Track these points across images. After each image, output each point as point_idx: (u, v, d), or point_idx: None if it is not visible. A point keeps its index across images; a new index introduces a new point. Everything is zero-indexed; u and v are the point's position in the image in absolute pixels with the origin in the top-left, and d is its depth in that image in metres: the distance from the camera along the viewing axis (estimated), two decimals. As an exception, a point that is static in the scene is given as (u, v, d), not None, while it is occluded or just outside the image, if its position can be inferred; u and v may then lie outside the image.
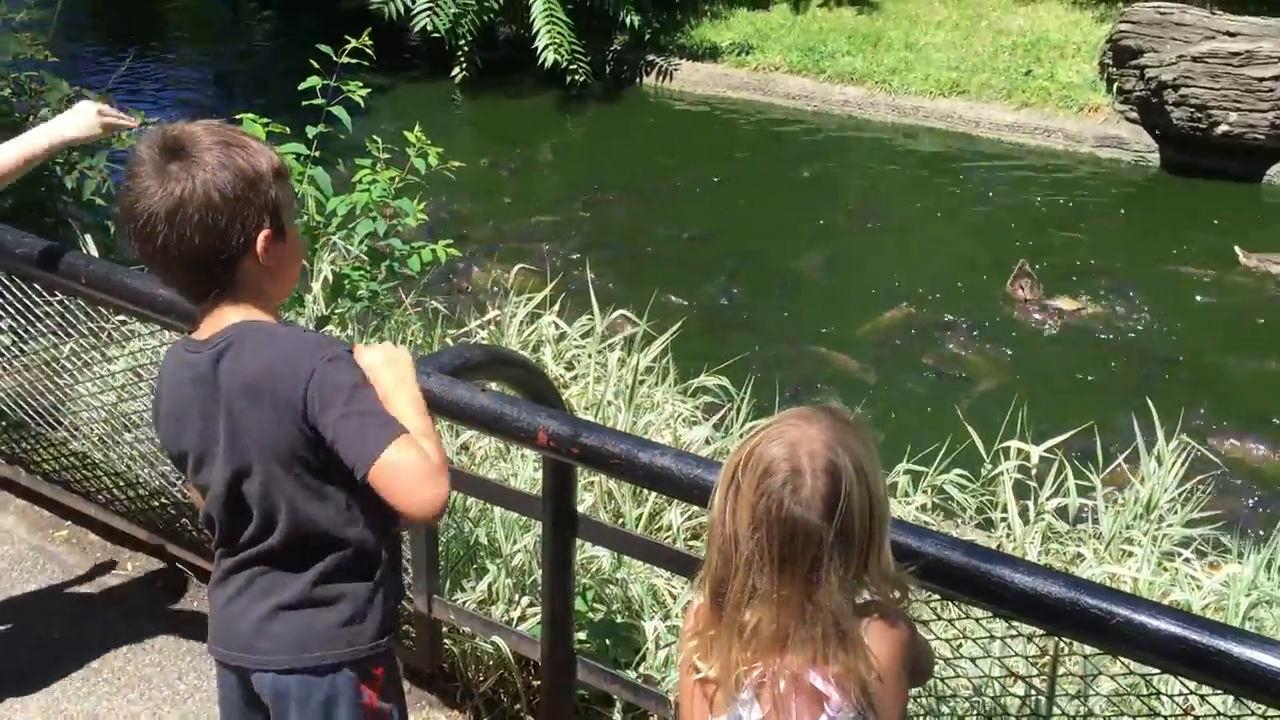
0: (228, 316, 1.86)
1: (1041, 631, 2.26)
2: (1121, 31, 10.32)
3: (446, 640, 3.31)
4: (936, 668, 2.30)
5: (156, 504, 3.74)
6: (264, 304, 1.88)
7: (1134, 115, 10.34)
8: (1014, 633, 2.45)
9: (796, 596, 1.56)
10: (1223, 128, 9.56)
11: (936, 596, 1.98)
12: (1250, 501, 5.63)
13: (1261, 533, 4.37)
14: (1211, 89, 9.50)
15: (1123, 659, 1.82)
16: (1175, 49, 9.81)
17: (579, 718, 3.15)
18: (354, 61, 4.25)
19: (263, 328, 1.86)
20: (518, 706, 3.30)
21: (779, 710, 1.59)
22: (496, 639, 3.15)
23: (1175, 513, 3.97)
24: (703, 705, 1.68)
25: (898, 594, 1.65)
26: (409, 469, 1.73)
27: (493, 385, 2.46)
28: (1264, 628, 3.40)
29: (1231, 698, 1.74)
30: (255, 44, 14.14)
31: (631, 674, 3.13)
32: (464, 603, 3.26)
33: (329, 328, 4.22)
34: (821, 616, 1.56)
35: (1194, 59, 9.58)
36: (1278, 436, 6.41)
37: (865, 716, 1.58)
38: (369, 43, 4.16)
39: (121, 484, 3.79)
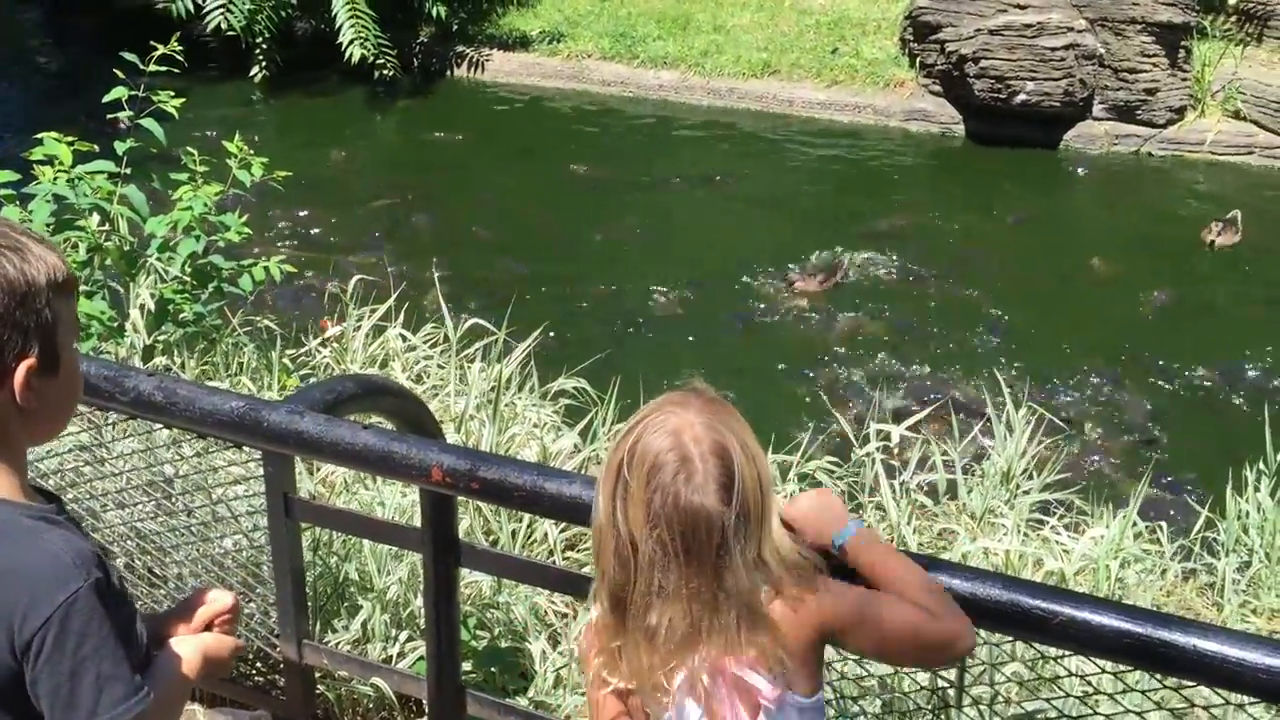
0: None
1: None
2: (920, 7, 10.63)
3: (320, 686, 3.12)
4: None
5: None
6: (12, 456, 1.47)
7: (937, 89, 10.68)
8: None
9: (707, 586, 1.53)
10: (1021, 97, 9.96)
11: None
12: (1094, 459, 5.86)
13: (1107, 491, 4.55)
14: (1009, 60, 9.88)
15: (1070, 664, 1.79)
16: (972, 23, 10.16)
17: (470, 753, 3.00)
18: (162, 69, 3.94)
19: (7, 520, 1.44)
20: (401, 748, 3.13)
21: (713, 705, 1.55)
22: (377, 680, 2.98)
23: (1031, 479, 4.07)
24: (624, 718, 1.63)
25: (795, 569, 1.60)
26: None
27: (372, 417, 2.29)
28: (1128, 587, 3.51)
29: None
30: (26, 49, 13.15)
31: (523, 701, 3.01)
32: (337, 644, 3.08)
33: (156, 359, 3.91)
34: (732, 602, 1.53)
35: (991, 32, 9.95)
36: (1103, 392, 6.73)
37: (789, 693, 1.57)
38: (178, 48, 3.86)
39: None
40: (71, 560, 1.41)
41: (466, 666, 3.01)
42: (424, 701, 3.00)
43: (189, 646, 1.63)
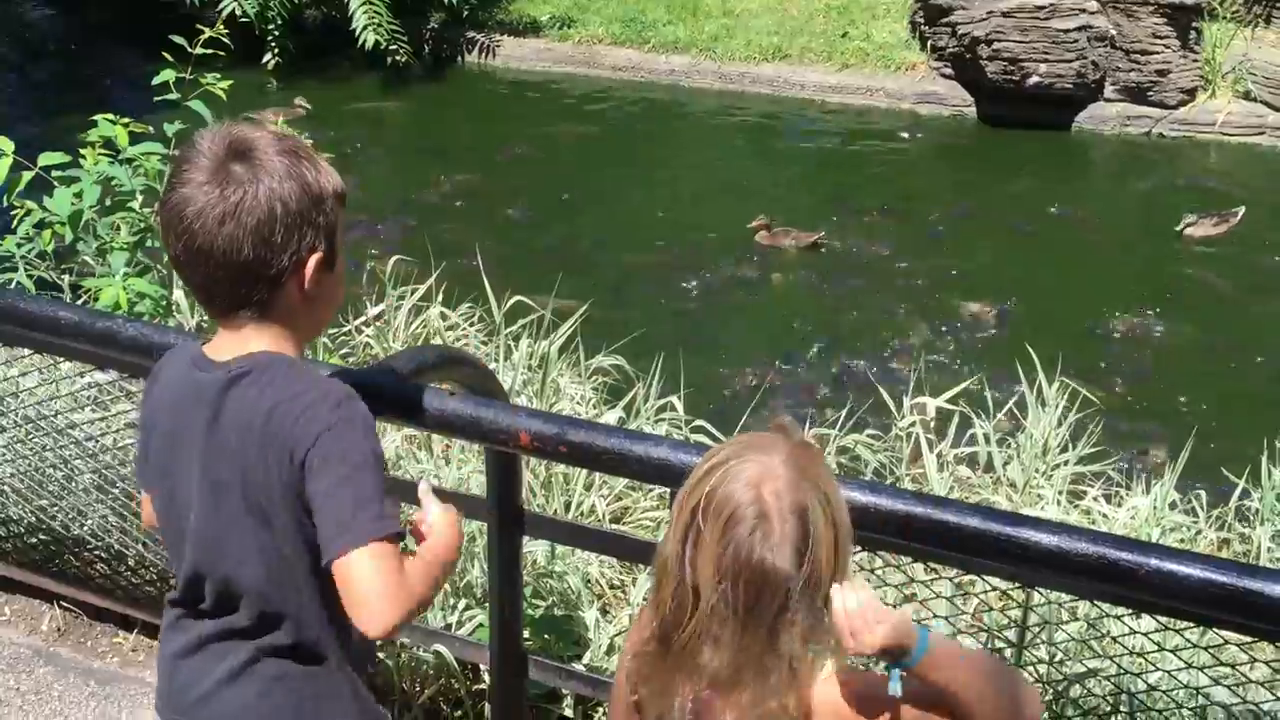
0: (252, 341, 1.69)
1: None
2: (931, -10, 10.66)
3: (379, 654, 3.18)
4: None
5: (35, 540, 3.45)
6: (294, 337, 1.72)
7: (949, 71, 10.71)
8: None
9: (758, 646, 1.49)
10: (1034, 79, 9.99)
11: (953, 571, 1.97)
12: (1129, 431, 5.94)
13: (1142, 463, 4.62)
14: (1022, 42, 9.91)
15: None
16: (983, 5, 10.19)
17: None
18: (206, 53, 3.98)
19: (291, 362, 1.70)
20: (459, 714, 3.20)
21: None
22: (438, 647, 3.04)
23: (1066, 450, 4.13)
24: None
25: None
26: (378, 578, 1.56)
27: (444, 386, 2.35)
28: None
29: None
30: (45, 40, 13.16)
31: (580, 667, 3.07)
32: (397, 613, 3.13)
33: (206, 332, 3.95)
34: (781, 664, 1.49)
35: (1003, 14, 9.97)
36: (1129, 367, 6.81)
37: None
38: (225, 31, 3.90)
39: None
40: (346, 392, 1.67)
41: (525, 634, 3.08)
42: (482, 668, 3.08)
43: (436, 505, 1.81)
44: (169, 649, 1.83)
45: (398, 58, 11.04)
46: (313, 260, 1.66)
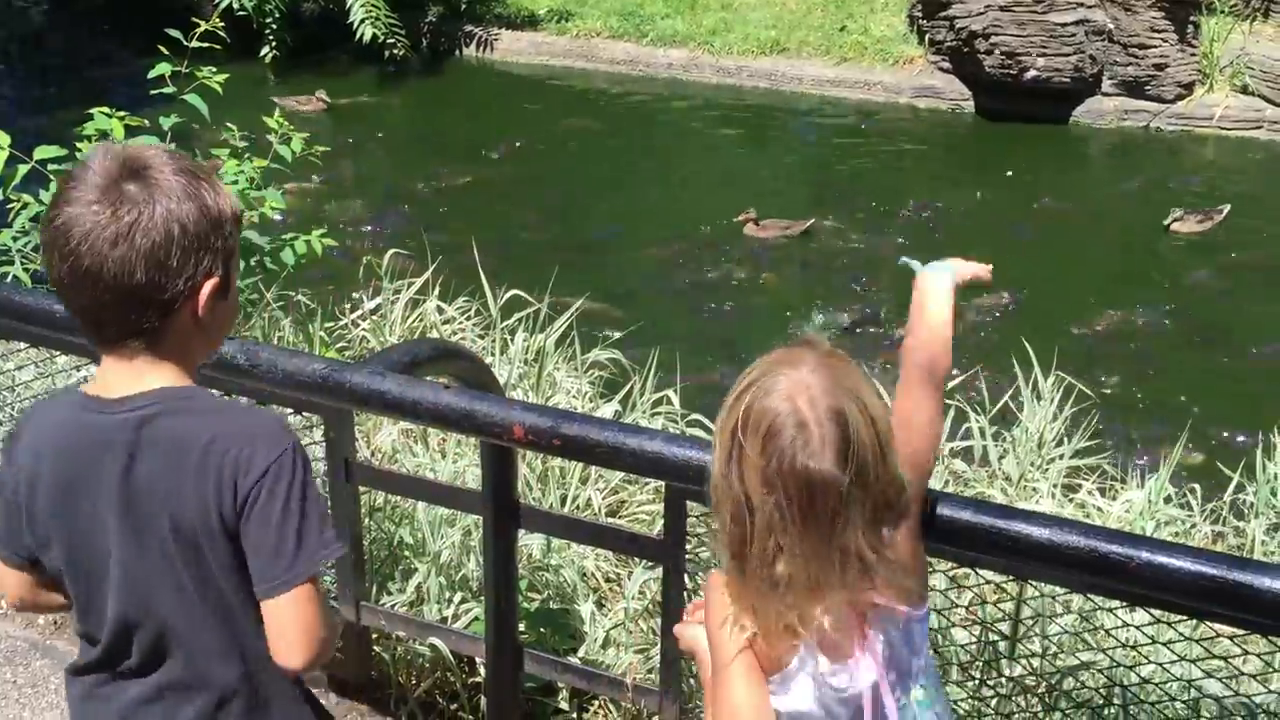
0: (147, 375, 1.60)
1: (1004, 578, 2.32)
2: (929, -16, 10.66)
3: (376, 647, 3.19)
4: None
5: None
6: (187, 365, 1.64)
7: (947, 65, 10.71)
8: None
9: (825, 547, 1.52)
10: (1031, 73, 10.00)
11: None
12: (1123, 426, 5.95)
13: (1139, 460, 4.62)
14: (1019, 35, 9.91)
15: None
16: (981, -1, 10.19)
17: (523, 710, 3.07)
18: (203, 46, 3.98)
19: (209, 394, 1.66)
20: (455, 707, 3.20)
21: (838, 640, 1.57)
22: (434, 640, 3.04)
23: (1061, 445, 4.14)
24: (757, 669, 1.63)
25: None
26: (309, 618, 1.57)
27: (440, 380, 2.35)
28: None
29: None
30: (41, 33, 13.14)
31: (575, 660, 3.08)
32: (393, 606, 3.14)
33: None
34: (851, 561, 1.53)
35: (1001, 8, 9.98)
36: (1124, 362, 6.82)
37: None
38: (220, 24, 3.90)
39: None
40: (281, 424, 1.63)
41: (520, 627, 3.08)
42: (478, 661, 3.09)
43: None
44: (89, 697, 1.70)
45: (395, 51, 11.04)
46: (208, 286, 1.58)
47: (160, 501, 1.57)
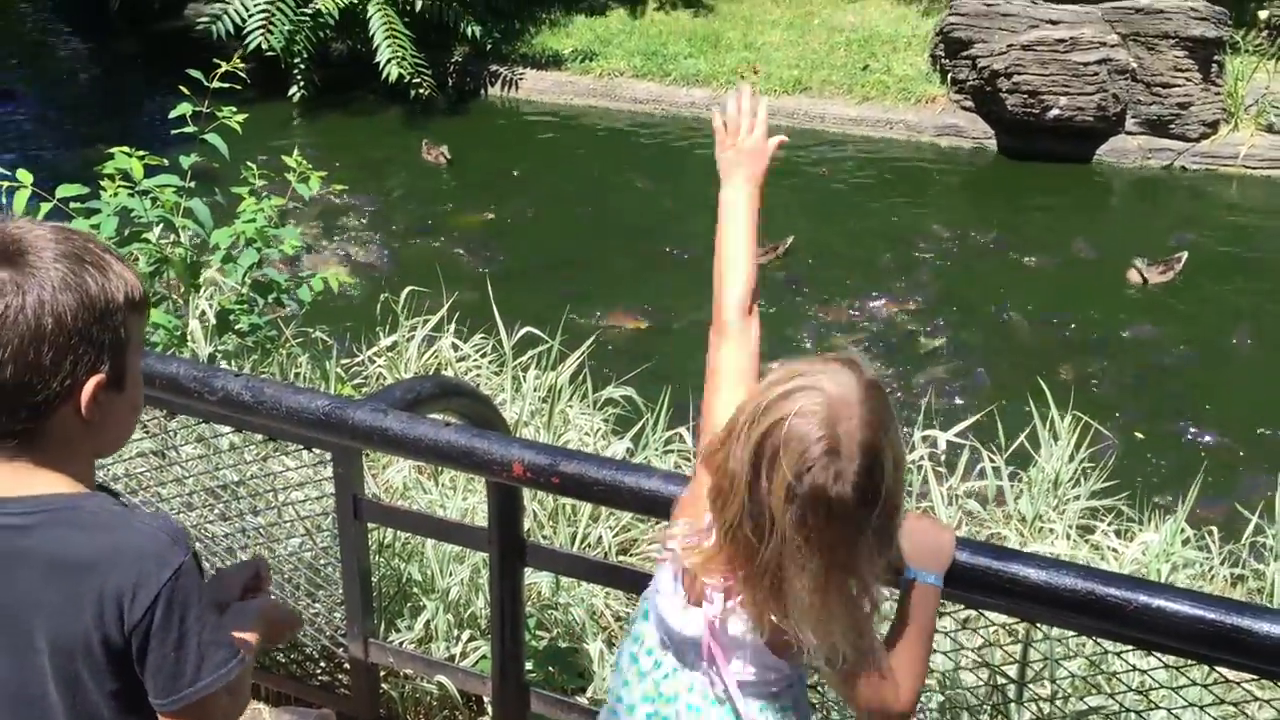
0: (25, 478, 1.46)
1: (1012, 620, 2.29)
2: (951, 23, 10.70)
3: (384, 685, 3.18)
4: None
5: None
6: (77, 468, 1.49)
7: (969, 104, 10.72)
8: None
9: (838, 577, 1.53)
10: (1054, 112, 9.99)
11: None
12: (1141, 466, 5.90)
13: (1158, 500, 4.57)
14: (1042, 75, 9.92)
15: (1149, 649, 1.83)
16: (1004, 38, 10.21)
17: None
18: (224, 86, 4.04)
19: (96, 507, 1.49)
20: (462, 746, 3.19)
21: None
22: (441, 678, 3.04)
23: (1078, 485, 4.10)
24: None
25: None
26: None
27: (442, 416, 2.36)
28: (1178, 591, 3.54)
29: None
30: (75, 72, 13.38)
31: (583, 700, 3.06)
32: (401, 643, 3.14)
33: (219, 361, 4.01)
34: (863, 596, 1.56)
35: (1023, 47, 9.99)
36: (1144, 402, 6.76)
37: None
38: (240, 65, 3.96)
39: None
40: (170, 538, 1.47)
41: (528, 666, 3.07)
42: (486, 700, 3.08)
43: (249, 612, 1.67)
44: None
45: (421, 91, 11.15)
46: (91, 384, 1.43)
47: (41, 617, 1.45)
